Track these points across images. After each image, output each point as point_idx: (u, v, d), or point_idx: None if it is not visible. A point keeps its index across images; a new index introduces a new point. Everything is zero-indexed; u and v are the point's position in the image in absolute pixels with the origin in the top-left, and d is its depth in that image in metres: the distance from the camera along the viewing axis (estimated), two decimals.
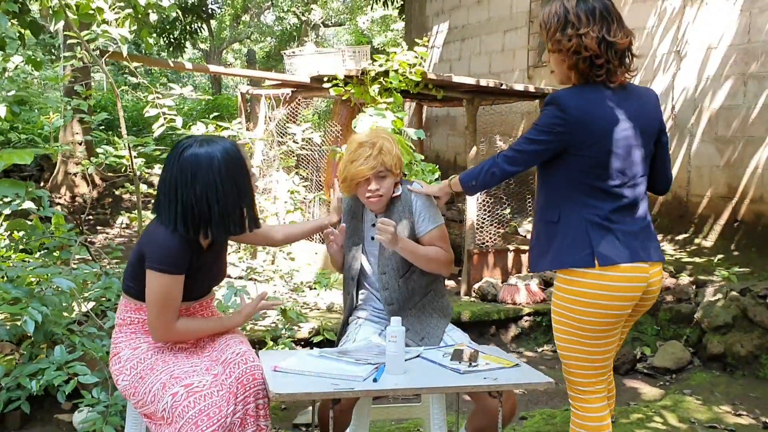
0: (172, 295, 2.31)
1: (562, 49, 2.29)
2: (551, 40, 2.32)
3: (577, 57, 2.27)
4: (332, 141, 6.87)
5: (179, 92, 4.42)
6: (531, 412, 4.02)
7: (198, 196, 2.27)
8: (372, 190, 2.70)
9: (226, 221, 2.31)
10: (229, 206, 2.31)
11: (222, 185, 2.28)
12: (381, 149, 2.69)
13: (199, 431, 2.14)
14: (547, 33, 2.34)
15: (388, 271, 2.76)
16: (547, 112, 2.32)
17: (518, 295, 5.82)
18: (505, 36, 9.60)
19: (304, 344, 4.64)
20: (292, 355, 2.50)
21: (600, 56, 2.26)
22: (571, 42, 2.26)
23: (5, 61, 4.16)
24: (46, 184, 10.38)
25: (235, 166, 2.32)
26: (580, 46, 2.25)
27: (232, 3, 23.04)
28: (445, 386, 2.26)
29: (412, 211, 2.76)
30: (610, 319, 2.31)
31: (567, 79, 2.38)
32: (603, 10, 2.29)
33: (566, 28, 2.27)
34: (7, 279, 3.26)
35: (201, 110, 16.25)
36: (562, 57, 2.32)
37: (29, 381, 2.96)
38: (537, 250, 2.45)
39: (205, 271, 2.45)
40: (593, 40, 2.24)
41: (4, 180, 3.45)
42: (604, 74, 2.29)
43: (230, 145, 2.36)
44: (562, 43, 2.28)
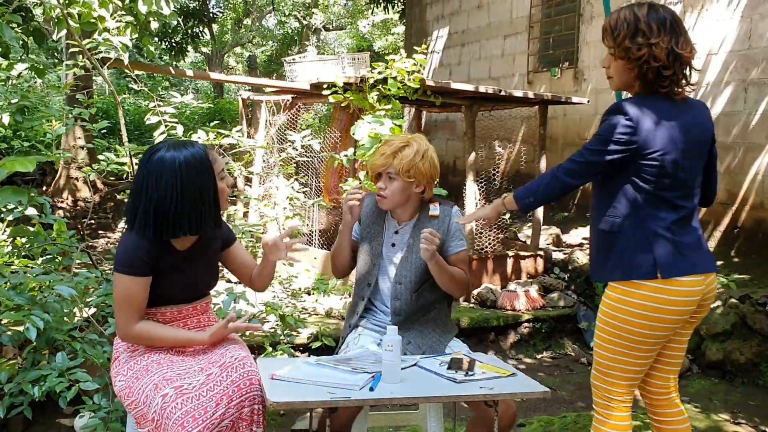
0: (130, 294, 2.38)
1: (631, 57, 2.27)
2: (620, 47, 2.29)
3: (647, 66, 2.25)
4: (331, 147, 6.90)
5: (180, 100, 4.45)
6: (529, 419, 4.04)
7: (159, 197, 2.33)
8: (379, 188, 2.75)
9: (183, 220, 2.36)
10: (187, 207, 2.35)
11: (181, 186, 2.34)
12: (398, 151, 2.72)
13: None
14: (615, 39, 2.30)
15: (404, 282, 2.78)
16: (612, 121, 2.28)
17: (518, 301, 5.84)
18: (505, 41, 9.63)
19: (303, 350, 4.67)
20: (290, 363, 2.52)
21: (668, 67, 2.25)
22: (642, 51, 2.24)
23: (9, 69, 4.20)
24: (48, 189, 10.42)
25: (198, 170, 2.37)
26: (650, 56, 2.23)
27: (234, 7, 23.10)
28: (441, 395, 2.28)
29: (447, 231, 2.80)
30: (663, 331, 2.31)
31: (628, 87, 2.36)
32: (673, 21, 2.27)
33: (636, 36, 2.25)
34: (10, 286, 3.28)
35: (203, 115, 16.30)
36: (629, 65, 2.29)
37: (32, 387, 2.99)
38: (598, 261, 2.41)
39: (185, 274, 2.49)
40: (663, 51, 2.23)
41: (6, 187, 3.48)
42: (668, 85, 2.27)
43: (199, 149, 2.42)
44: (631, 51, 2.26)
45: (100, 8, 4.05)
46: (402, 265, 2.79)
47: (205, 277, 2.59)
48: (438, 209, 2.84)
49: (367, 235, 2.86)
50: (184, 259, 2.49)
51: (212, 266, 2.62)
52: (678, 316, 2.30)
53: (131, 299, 2.39)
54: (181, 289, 2.51)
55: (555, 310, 5.85)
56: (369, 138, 4.39)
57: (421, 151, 2.76)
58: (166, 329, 2.47)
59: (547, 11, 8.91)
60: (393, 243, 2.84)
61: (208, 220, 2.42)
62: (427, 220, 2.83)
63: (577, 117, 8.36)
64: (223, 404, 2.26)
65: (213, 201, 2.43)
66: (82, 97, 4.26)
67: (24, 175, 10.30)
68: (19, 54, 5.04)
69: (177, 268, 2.47)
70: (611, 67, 2.36)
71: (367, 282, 2.83)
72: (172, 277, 2.46)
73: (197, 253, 2.53)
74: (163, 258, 2.43)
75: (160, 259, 2.42)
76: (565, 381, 4.90)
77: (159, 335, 2.44)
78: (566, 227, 7.81)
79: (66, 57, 7.36)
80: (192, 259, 2.51)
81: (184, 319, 2.55)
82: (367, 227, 2.88)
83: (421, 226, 2.80)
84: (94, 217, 9.77)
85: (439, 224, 2.81)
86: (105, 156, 4.16)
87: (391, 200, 2.77)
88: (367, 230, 2.87)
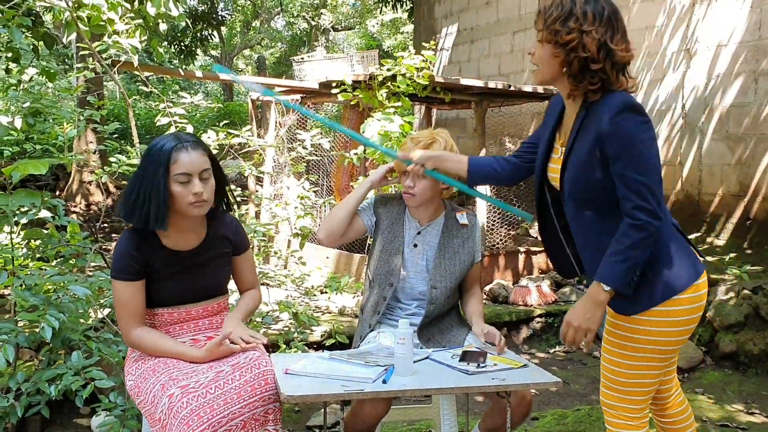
0: (123, 299, 2.39)
1: (558, 42, 2.07)
2: (548, 29, 2.09)
3: (573, 55, 2.06)
4: (341, 146, 6.92)
5: (190, 101, 4.47)
6: (543, 412, 4.04)
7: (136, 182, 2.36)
8: (407, 186, 2.74)
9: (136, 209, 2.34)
10: (136, 195, 2.34)
11: (139, 172, 2.35)
12: (427, 148, 2.73)
13: (190, 430, 2.14)
14: (545, 21, 2.10)
15: (439, 287, 2.80)
16: (641, 121, 2.06)
17: (530, 296, 5.83)
18: (515, 37, 9.62)
19: (317, 347, 4.68)
20: (303, 358, 2.53)
21: (597, 61, 2.05)
22: (571, 36, 2.05)
23: (20, 73, 4.24)
24: (61, 193, 10.51)
25: (148, 162, 2.34)
26: (579, 44, 2.04)
27: (243, 9, 23.18)
28: (453, 387, 2.29)
29: (475, 240, 2.88)
30: (689, 334, 2.20)
31: (553, 80, 2.18)
32: (612, 15, 2.08)
33: (568, 21, 2.05)
34: (25, 287, 3.32)
35: (213, 117, 16.38)
36: (555, 50, 2.09)
37: (48, 386, 3.02)
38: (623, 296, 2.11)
39: (189, 276, 2.47)
40: (594, 42, 2.04)
41: (20, 190, 3.51)
42: (598, 84, 2.08)
43: (166, 144, 2.35)
44: (559, 35, 2.06)
45: (109, 11, 4.08)
46: (437, 271, 2.80)
47: (212, 280, 2.55)
48: (465, 218, 2.90)
49: (387, 234, 2.85)
50: (189, 261, 2.48)
51: (221, 269, 2.58)
52: (702, 311, 2.17)
53: (125, 304, 2.39)
54: (187, 292, 2.49)
55: (567, 305, 5.84)
56: (379, 136, 4.40)
57: (448, 146, 2.78)
58: (162, 340, 2.43)
59: None
60: (415, 244, 2.84)
61: (151, 217, 2.33)
62: (456, 228, 2.87)
63: None
64: (232, 403, 2.25)
65: (154, 199, 2.32)
66: (94, 99, 4.30)
67: (37, 180, 10.40)
68: (30, 59, 5.08)
69: (180, 270, 2.46)
70: (537, 53, 2.16)
71: (389, 282, 2.82)
72: (175, 278, 2.45)
73: (203, 256, 2.51)
74: (158, 259, 2.41)
75: (153, 260, 2.41)
76: (579, 374, 4.90)
77: (154, 344, 2.41)
78: None
79: (76, 61, 7.42)
80: (198, 262, 2.50)
81: (194, 320, 2.54)
82: (388, 227, 2.85)
83: (450, 234, 2.85)
84: (106, 220, 9.83)
85: (469, 233, 2.87)
86: (117, 158, 4.19)
87: (420, 197, 2.77)
88: (388, 230, 2.85)
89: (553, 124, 2.34)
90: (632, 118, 2.04)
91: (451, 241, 2.84)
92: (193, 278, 2.50)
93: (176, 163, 2.33)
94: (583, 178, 2.14)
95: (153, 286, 2.45)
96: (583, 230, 2.23)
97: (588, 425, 3.79)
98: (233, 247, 2.62)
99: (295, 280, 5.79)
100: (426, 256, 2.83)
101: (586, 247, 2.25)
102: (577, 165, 2.15)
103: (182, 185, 2.34)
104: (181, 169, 2.33)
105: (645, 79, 7.44)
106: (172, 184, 2.34)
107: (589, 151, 2.10)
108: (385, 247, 2.84)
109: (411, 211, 2.88)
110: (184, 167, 2.34)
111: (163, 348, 2.41)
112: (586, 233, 2.23)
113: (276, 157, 6.55)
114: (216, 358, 2.41)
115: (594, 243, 2.19)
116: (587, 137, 2.12)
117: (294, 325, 4.57)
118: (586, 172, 2.13)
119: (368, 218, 2.88)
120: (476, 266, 2.91)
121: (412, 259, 2.83)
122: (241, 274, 2.69)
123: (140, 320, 2.43)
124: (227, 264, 2.61)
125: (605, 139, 2.06)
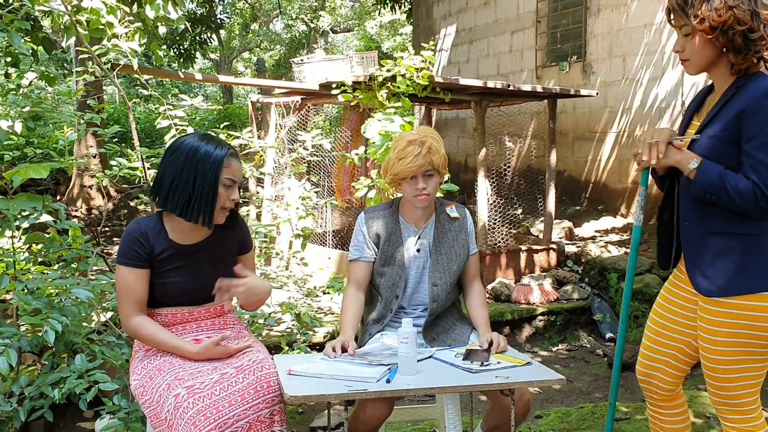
0: (126, 285, 2.45)
1: (712, 26, 2.07)
2: (696, 17, 2.08)
3: (732, 32, 2.06)
4: (342, 146, 6.92)
5: (190, 103, 4.47)
6: (546, 410, 4.04)
7: (166, 168, 2.46)
8: (420, 189, 2.72)
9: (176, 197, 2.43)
10: (180, 186, 2.42)
11: (183, 165, 2.43)
12: (430, 148, 2.71)
13: (196, 430, 2.15)
14: (687, 13, 2.11)
15: (440, 284, 2.80)
16: None
17: (532, 295, 5.84)
18: (513, 37, 9.62)
19: (319, 348, 4.68)
20: (307, 359, 2.53)
21: (754, 30, 2.06)
22: (724, 16, 2.05)
23: (19, 78, 4.24)
24: (62, 198, 10.51)
25: (203, 160, 2.43)
26: (734, 20, 2.05)
27: (241, 12, 23.20)
28: (457, 385, 2.28)
29: (468, 232, 2.89)
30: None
31: (711, 66, 2.18)
32: None
33: (713, 2, 2.06)
34: (28, 291, 3.31)
35: (213, 119, 16.38)
36: (710, 36, 2.09)
37: (52, 390, 3.01)
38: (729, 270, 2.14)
39: (192, 271, 2.50)
40: (746, 12, 2.05)
41: (21, 194, 3.51)
42: (759, 51, 2.09)
43: (218, 148, 2.47)
44: (711, 18, 2.06)
45: (109, 15, 4.07)
46: (435, 268, 2.81)
47: (215, 277, 2.54)
48: (455, 211, 2.88)
49: (387, 248, 2.82)
50: (194, 255, 2.51)
51: (227, 268, 2.58)
52: None
53: (127, 290, 2.45)
54: (192, 288, 2.51)
55: (569, 303, 5.84)
56: (380, 136, 4.40)
57: (439, 140, 2.80)
58: (159, 330, 2.47)
59: (554, 5, 8.90)
60: (418, 248, 2.83)
61: (195, 212, 2.43)
62: (448, 222, 2.86)
63: (586, 110, 8.34)
64: (237, 405, 2.26)
65: (206, 196, 2.43)
66: (93, 102, 4.30)
67: (38, 185, 10.41)
68: (29, 63, 5.08)
69: (186, 264, 2.49)
70: (686, 48, 2.17)
71: (395, 294, 2.81)
72: (180, 272, 2.48)
73: (209, 253, 2.54)
74: (164, 250, 2.47)
75: (158, 250, 2.46)
76: (582, 372, 4.90)
77: (150, 333, 2.45)
78: (578, 221, 7.79)
79: (75, 65, 7.42)
80: (201, 257, 2.52)
81: (197, 321, 2.55)
82: (386, 240, 2.83)
83: (443, 229, 2.84)
84: (107, 224, 9.85)
85: (461, 225, 2.87)
86: (117, 161, 4.19)
87: (432, 196, 2.78)
88: (387, 243, 2.82)
89: (693, 109, 2.36)
90: None
91: (445, 236, 2.84)
92: (199, 274, 2.52)
93: (229, 167, 2.46)
94: (711, 152, 2.14)
95: (158, 280, 2.48)
96: (692, 202, 2.22)
97: (591, 422, 3.78)
98: (239, 246, 2.65)
99: (297, 281, 5.80)
100: (427, 257, 2.83)
101: (689, 219, 2.24)
102: (710, 137, 2.16)
103: (226, 189, 2.46)
104: (230, 174, 2.47)
105: (644, 76, 7.45)
106: (219, 186, 2.45)
107: (726, 127, 2.12)
108: (387, 260, 2.82)
109: (405, 218, 2.85)
110: (233, 174, 2.48)
111: (160, 338, 2.45)
112: (694, 206, 2.22)
113: (277, 159, 6.56)
114: (211, 358, 2.44)
115: (697, 216, 2.20)
116: (728, 114, 2.13)
117: (296, 326, 4.58)
118: (716, 146, 2.14)
119: (371, 249, 2.83)
120: (473, 258, 2.89)
121: (416, 265, 2.82)
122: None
123: (140, 308, 2.47)
124: (233, 264, 2.61)
125: (747, 116, 2.07)
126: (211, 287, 2.53)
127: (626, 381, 4.64)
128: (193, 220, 2.44)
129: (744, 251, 2.13)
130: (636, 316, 5.53)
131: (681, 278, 2.37)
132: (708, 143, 2.16)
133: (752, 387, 2.22)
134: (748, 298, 2.11)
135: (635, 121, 7.66)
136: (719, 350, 2.19)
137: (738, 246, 2.14)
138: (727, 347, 2.17)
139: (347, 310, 2.76)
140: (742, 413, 2.25)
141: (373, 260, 2.83)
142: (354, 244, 2.86)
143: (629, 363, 4.84)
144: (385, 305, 2.82)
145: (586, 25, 8.29)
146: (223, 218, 2.52)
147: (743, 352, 2.16)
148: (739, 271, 2.12)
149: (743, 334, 2.14)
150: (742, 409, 2.24)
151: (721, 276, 2.15)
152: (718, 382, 2.23)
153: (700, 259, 2.21)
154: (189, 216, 2.43)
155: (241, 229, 2.65)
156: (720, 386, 2.24)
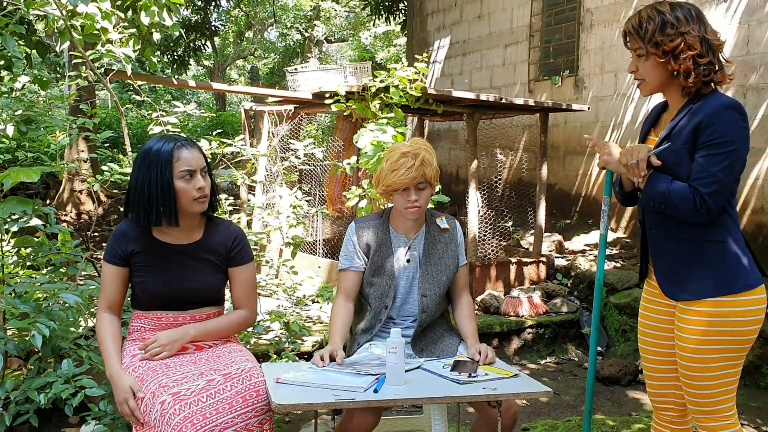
0: (102, 280, 2.54)
1: (664, 50, 2.21)
2: (650, 42, 2.22)
3: (683, 57, 2.19)
4: (334, 156, 6.93)
5: (183, 110, 4.48)
6: (534, 423, 4.04)
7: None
8: (412, 201, 2.73)
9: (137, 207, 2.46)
10: (136, 194, 2.46)
11: (135, 173, 2.47)
12: (423, 161, 2.72)
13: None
14: (642, 37, 2.24)
15: (429, 295, 2.81)
16: (741, 126, 2.18)
17: (521, 307, 5.85)
18: (506, 50, 9.68)
19: (308, 358, 4.66)
20: (295, 368, 2.53)
21: (703, 55, 2.19)
22: (675, 42, 2.19)
23: (12, 81, 4.23)
24: (52, 202, 10.46)
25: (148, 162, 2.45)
26: (685, 45, 2.18)
27: (236, 20, 23.23)
28: (444, 396, 2.29)
29: (457, 243, 2.89)
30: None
31: (663, 87, 2.31)
32: (697, 12, 2.25)
33: (666, 29, 2.20)
34: (16, 295, 3.30)
35: (205, 126, 16.37)
36: (662, 59, 2.23)
37: (37, 394, 2.99)
38: (699, 276, 2.23)
39: (171, 267, 2.51)
40: (696, 39, 2.18)
41: (11, 198, 3.50)
42: (709, 75, 2.20)
43: (165, 144, 2.47)
44: (664, 44, 2.20)
45: (103, 20, 4.08)
46: (425, 278, 2.81)
47: (199, 284, 2.54)
48: (446, 222, 2.89)
49: (377, 258, 2.82)
50: (176, 256, 2.52)
51: (210, 276, 2.57)
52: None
53: (104, 285, 2.53)
54: (173, 290, 2.51)
55: (558, 316, 5.85)
56: (372, 146, 4.41)
57: (432, 152, 2.81)
58: (108, 336, 2.48)
59: (548, 20, 8.96)
60: (408, 259, 2.83)
61: (155, 215, 2.43)
62: (438, 233, 2.86)
63: (578, 125, 8.39)
64: (225, 412, 2.25)
65: (164, 196, 2.42)
66: (86, 107, 4.30)
67: (27, 189, 10.36)
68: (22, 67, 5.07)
69: (166, 262, 2.51)
70: (640, 69, 2.30)
71: (384, 305, 2.81)
72: (160, 271, 2.50)
73: (192, 256, 2.54)
74: (145, 248, 2.50)
75: (139, 248, 2.49)
76: (569, 386, 4.91)
77: (101, 333, 2.49)
78: (568, 234, 7.81)
79: (69, 70, 7.41)
80: (185, 260, 2.53)
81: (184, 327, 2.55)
82: (376, 250, 2.82)
83: (433, 239, 2.84)
84: (97, 229, 9.80)
85: (451, 237, 2.88)
86: (108, 167, 4.19)
87: (424, 208, 2.80)
88: (377, 253, 2.82)
89: (650, 124, 2.46)
90: (735, 118, 2.17)
91: (435, 247, 2.84)
92: (179, 275, 2.51)
93: (179, 160, 2.43)
94: (668, 164, 2.23)
95: (135, 279, 2.51)
96: (656, 215, 2.32)
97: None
98: (226, 257, 2.61)
99: (287, 289, 5.78)
100: (417, 268, 2.84)
101: (656, 229, 2.33)
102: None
103: (186, 182, 2.44)
104: (185, 165, 2.44)
105: (636, 91, 7.49)
106: (176, 181, 2.43)
107: (686, 140, 2.20)
108: (377, 270, 2.82)
109: (396, 228, 2.86)
110: (188, 164, 2.45)
111: (104, 346, 2.48)
112: (659, 216, 2.31)
113: (268, 167, 6.56)
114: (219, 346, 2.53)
115: (662, 225, 2.30)
116: (686, 128, 2.21)
117: (285, 334, 4.57)
118: (673, 158, 2.22)
119: (361, 259, 2.83)
120: (462, 270, 2.90)
121: (406, 276, 2.83)
122: (233, 288, 2.68)
123: (110, 305, 2.51)
124: (218, 272, 2.60)
125: (703, 128, 2.17)
126: (193, 291, 2.54)
127: (613, 395, 4.66)
128: (159, 223, 2.45)
129: (711, 257, 2.23)
130: (624, 330, 5.55)
131: (653, 292, 2.43)
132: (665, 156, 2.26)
133: (728, 393, 2.28)
134: (718, 304, 2.20)
135: (626, 136, 7.70)
136: (694, 357, 2.25)
137: (704, 253, 2.24)
138: (701, 353, 2.24)
139: (336, 319, 2.76)
140: (719, 419, 2.28)
141: (363, 270, 2.83)
142: (344, 254, 2.86)
143: (617, 377, 4.86)
144: (374, 315, 2.82)
145: (578, 40, 8.35)
146: (201, 207, 2.50)
147: (718, 358, 2.23)
148: (707, 275, 2.22)
149: (716, 339, 2.22)
150: (718, 416, 2.28)
151: (689, 281, 2.25)
152: (696, 389, 2.28)
153: (668, 267, 2.30)
154: (154, 220, 2.44)
155: (232, 237, 2.63)
156: (697, 393, 2.28)
